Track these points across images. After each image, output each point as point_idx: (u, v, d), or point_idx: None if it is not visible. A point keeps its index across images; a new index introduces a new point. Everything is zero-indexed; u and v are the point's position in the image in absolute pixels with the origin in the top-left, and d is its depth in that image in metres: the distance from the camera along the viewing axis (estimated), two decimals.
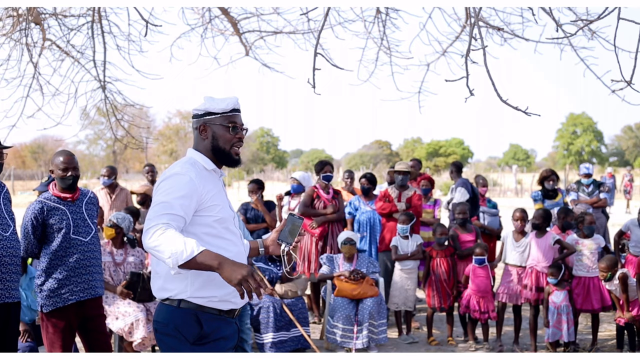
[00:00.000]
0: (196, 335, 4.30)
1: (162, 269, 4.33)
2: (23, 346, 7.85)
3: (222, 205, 4.45)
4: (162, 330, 4.38)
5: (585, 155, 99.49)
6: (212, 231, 4.35)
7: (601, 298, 9.92)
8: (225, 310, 4.40)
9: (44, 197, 6.80)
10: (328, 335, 9.80)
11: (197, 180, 4.31)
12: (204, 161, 4.48)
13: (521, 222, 10.19)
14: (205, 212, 4.33)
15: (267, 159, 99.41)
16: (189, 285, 4.28)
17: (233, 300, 4.41)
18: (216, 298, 4.32)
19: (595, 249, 10.01)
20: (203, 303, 4.29)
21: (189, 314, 4.29)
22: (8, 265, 6.25)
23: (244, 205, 11.86)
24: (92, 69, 9.50)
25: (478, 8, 6.13)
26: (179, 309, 4.30)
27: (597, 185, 12.97)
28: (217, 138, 4.50)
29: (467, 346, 10.19)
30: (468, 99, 5.98)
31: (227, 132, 4.50)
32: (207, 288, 4.29)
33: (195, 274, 4.23)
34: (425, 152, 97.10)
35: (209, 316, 4.32)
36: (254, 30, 10.12)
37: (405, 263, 10.59)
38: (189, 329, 4.29)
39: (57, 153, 6.91)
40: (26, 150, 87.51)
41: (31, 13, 8.67)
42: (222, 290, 4.30)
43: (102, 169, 12.95)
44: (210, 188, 4.38)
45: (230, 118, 4.51)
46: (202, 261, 3.95)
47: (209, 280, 4.27)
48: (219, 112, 4.49)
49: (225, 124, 4.50)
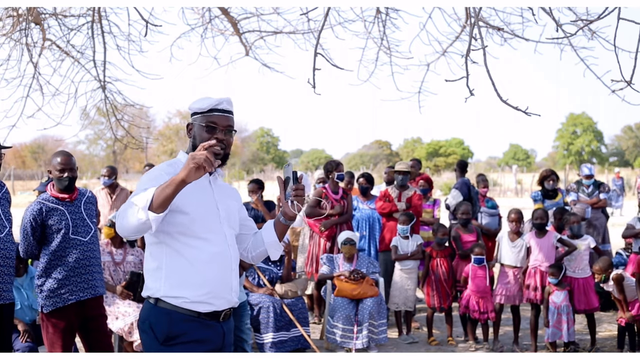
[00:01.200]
0: (165, 334, 4.28)
1: (146, 267, 4.38)
2: (23, 346, 7.85)
3: (199, 205, 4.37)
4: (141, 327, 4.40)
5: (585, 155, 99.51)
6: (185, 231, 4.28)
7: (591, 299, 9.94)
8: (204, 313, 4.34)
9: (43, 197, 6.80)
10: (328, 335, 9.81)
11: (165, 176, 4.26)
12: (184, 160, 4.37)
13: (516, 223, 10.18)
14: (179, 211, 4.26)
15: (267, 159, 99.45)
16: (162, 285, 4.28)
17: (211, 302, 4.34)
18: (188, 299, 4.27)
19: (585, 249, 10.00)
20: (176, 303, 4.27)
21: (163, 313, 4.28)
22: (1, 267, 6.26)
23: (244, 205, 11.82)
24: (92, 69, 9.50)
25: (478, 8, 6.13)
26: (155, 307, 4.31)
27: (597, 186, 12.96)
28: (196, 138, 4.48)
29: (467, 346, 10.20)
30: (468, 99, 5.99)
31: (204, 132, 4.45)
32: (179, 288, 4.26)
33: (167, 274, 4.26)
34: (425, 152, 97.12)
35: (181, 317, 4.28)
36: (254, 30, 10.11)
37: (405, 263, 10.59)
38: (159, 327, 4.28)
39: (55, 154, 6.91)
40: (26, 150, 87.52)
41: (31, 13, 8.67)
42: (194, 291, 4.27)
43: (103, 169, 12.94)
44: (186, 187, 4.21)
45: (208, 118, 4.47)
46: (167, 185, 3.97)
47: (182, 280, 4.26)
48: (199, 111, 4.49)
49: (203, 124, 4.46)
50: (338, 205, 11.24)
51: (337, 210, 11.19)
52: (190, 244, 4.29)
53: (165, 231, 4.28)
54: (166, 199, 3.97)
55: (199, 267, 4.28)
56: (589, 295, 9.91)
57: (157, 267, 4.29)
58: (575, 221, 10.17)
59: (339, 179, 11.45)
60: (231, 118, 4.55)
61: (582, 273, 9.97)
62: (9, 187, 6.58)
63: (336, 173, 11.44)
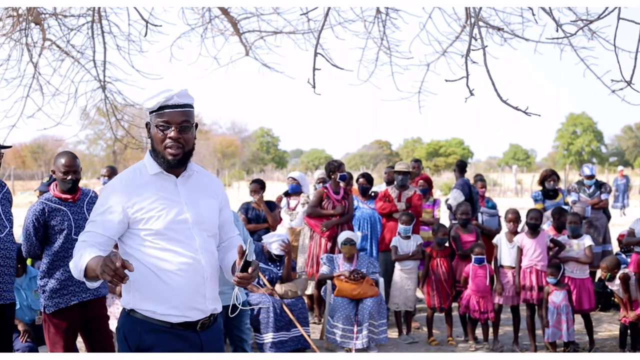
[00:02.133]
0: (135, 344, 4.20)
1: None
2: (23, 346, 7.86)
3: (163, 214, 4.17)
4: (117, 336, 4.35)
5: (585, 155, 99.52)
6: (150, 243, 4.14)
7: (589, 299, 9.94)
8: (179, 323, 4.19)
9: (45, 198, 6.80)
10: (328, 336, 9.81)
11: (123, 189, 4.16)
12: (149, 165, 4.27)
13: (514, 223, 10.17)
14: (138, 224, 4.14)
15: (267, 159, 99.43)
16: (132, 297, 4.20)
17: (183, 314, 4.18)
18: (157, 312, 4.15)
19: (583, 249, 10.00)
20: (149, 315, 4.16)
21: (135, 323, 4.20)
22: (1, 267, 6.26)
23: (244, 205, 11.82)
24: (92, 69, 9.50)
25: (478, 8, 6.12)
26: (128, 316, 4.24)
27: (598, 186, 12.96)
28: (152, 139, 4.26)
29: (467, 346, 10.20)
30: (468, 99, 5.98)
31: (158, 132, 4.19)
32: (146, 301, 4.16)
33: (137, 287, 4.16)
34: (425, 152, 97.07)
35: (152, 327, 4.16)
36: (254, 30, 10.11)
37: (406, 263, 10.59)
38: (132, 337, 4.21)
39: (60, 154, 6.90)
40: (26, 150, 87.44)
41: (31, 13, 8.67)
42: (161, 304, 4.14)
43: (103, 169, 12.94)
44: (147, 196, 4.18)
45: (160, 116, 4.18)
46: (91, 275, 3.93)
47: (149, 293, 4.15)
48: (151, 110, 4.21)
49: (157, 124, 4.20)
50: (339, 205, 11.21)
51: (339, 210, 11.17)
52: (157, 256, 4.15)
53: (130, 245, 4.20)
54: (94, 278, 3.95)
55: (165, 280, 4.13)
56: (585, 296, 9.90)
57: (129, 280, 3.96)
58: (574, 221, 10.17)
59: (341, 179, 11.42)
60: (187, 112, 4.21)
61: (580, 274, 9.97)
62: (9, 187, 6.56)
63: (338, 174, 11.41)
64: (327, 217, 11.18)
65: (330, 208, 11.22)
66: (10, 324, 6.49)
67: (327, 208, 11.23)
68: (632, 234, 10.44)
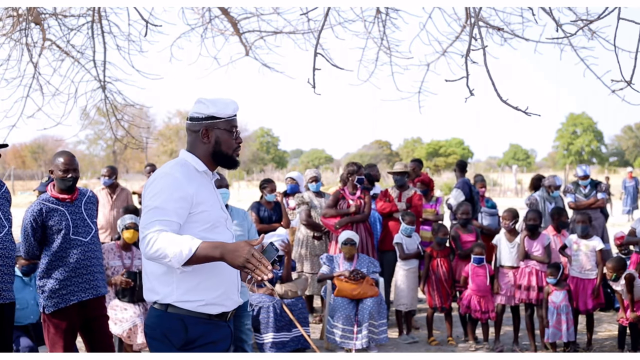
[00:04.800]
0: (182, 340, 4.26)
1: (152, 271, 4.31)
2: (23, 346, 7.86)
3: (210, 207, 4.39)
4: (151, 334, 4.36)
5: (585, 155, 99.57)
6: (200, 233, 4.25)
7: (595, 298, 9.93)
8: (215, 314, 4.34)
9: (43, 198, 6.79)
10: (328, 336, 9.80)
11: (184, 180, 4.27)
12: (195, 163, 4.43)
13: (509, 222, 10.16)
14: (194, 214, 4.28)
15: (267, 159, 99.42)
16: (174, 289, 4.23)
17: (223, 304, 4.37)
18: (203, 302, 4.26)
19: (592, 250, 9.99)
20: (190, 308, 4.24)
21: (175, 318, 4.25)
22: (1, 266, 6.27)
23: (255, 204, 11.64)
24: (92, 69, 9.51)
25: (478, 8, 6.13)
26: (166, 314, 4.26)
27: (593, 185, 12.93)
28: (221, 143, 4.45)
29: (467, 346, 10.19)
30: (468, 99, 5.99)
31: (231, 138, 4.47)
32: (193, 292, 4.24)
33: (180, 278, 4.20)
34: (425, 152, 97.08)
35: (196, 320, 4.27)
36: (254, 30, 10.12)
37: (409, 262, 10.58)
38: (175, 334, 4.25)
39: (58, 154, 6.90)
40: (26, 150, 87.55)
41: (31, 13, 8.67)
42: (210, 293, 4.28)
43: (103, 169, 12.94)
44: (199, 189, 4.33)
45: (232, 123, 4.48)
46: (203, 254, 3.96)
47: (196, 284, 4.23)
48: (223, 117, 4.43)
49: (229, 129, 4.46)
50: (354, 204, 11.12)
51: (353, 209, 11.08)
52: None
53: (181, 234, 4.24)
54: (200, 262, 4.02)
55: (213, 269, 4.25)
56: (589, 297, 9.89)
57: (167, 272, 4.21)
58: (582, 220, 10.14)
59: (359, 182, 11.31)
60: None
61: (587, 274, 9.95)
62: (9, 187, 6.56)
63: (356, 177, 11.29)
64: (342, 217, 11.09)
65: (346, 208, 11.14)
66: (10, 324, 6.49)
67: (342, 208, 11.15)
68: (633, 234, 10.44)
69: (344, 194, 11.24)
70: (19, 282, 7.83)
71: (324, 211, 11.17)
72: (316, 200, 11.62)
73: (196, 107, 4.45)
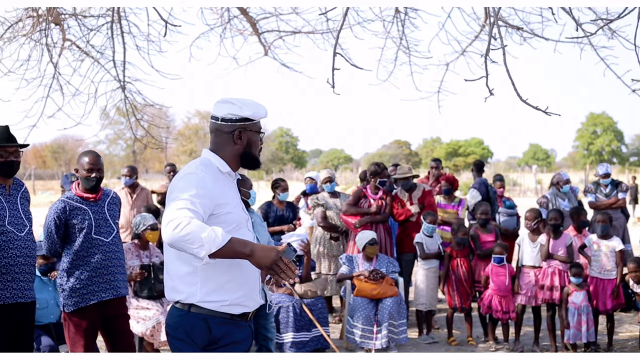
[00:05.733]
0: (206, 340, 4.28)
1: (175, 270, 4.32)
2: (43, 345, 7.91)
3: (234, 208, 4.40)
4: (173, 334, 4.38)
5: (605, 155, 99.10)
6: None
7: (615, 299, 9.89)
8: (237, 314, 4.36)
9: (67, 196, 6.83)
10: (348, 336, 9.80)
11: (209, 180, 4.27)
12: (219, 163, 4.43)
13: (533, 222, 10.13)
14: (218, 214, 4.29)
15: (286, 159, 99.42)
16: (198, 289, 4.25)
17: (246, 304, 4.39)
18: (227, 302, 4.27)
19: (612, 250, 9.93)
20: (214, 308, 4.26)
21: (199, 319, 4.27)
22: (22, 265, 6.32)
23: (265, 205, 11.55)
24: (111, 69, 9.54)
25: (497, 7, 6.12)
26: (189, 314, 4.28)
27: (614, 185, 12.87)
28: (251, 145, 4.49)
29: (487, 346, 10.17)
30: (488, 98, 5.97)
31: (258, 140, 4.53)
32: (217, 292, 4.26)
33: (205, 278, 4.21)
34: (445, 152, 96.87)
35: (219, 321, 4.29)
36: (273, 30, 10.13)
37: (430, 262, 10.56)
38: (199, 334, 4.28)
39: (84, 153, 6.93)
40: (46, 150, 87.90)
41: (51, 13, 8.71)
42: (233, 294, 4.30)
43: (123, 168, 12.98)
44: (223, 190, 4.34)
45: (260, 125, 4.55)
46: (233, 249, 3.99)
47: (220, 284, 4.25)
48: (256, 119, 4.47)
49: (258, 131, 4.52)
50: (375, 204, 11.07)
51: (374, 209, 11.03)
52: None
53: None
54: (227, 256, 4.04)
55: (237, 270, 4.28)
56: (609, 297, 9.84)
57: (191, 271, 4.23)
58: (603, 220, 10.10)
59: (381, 185, 11.25)
60: None
61: (608, 274, 9.91)
62: (29, 187, 6.61)
63: (379, 179, 11.26)
64: (362, 216, 11.06)
65: (367, 207, 11.11)
66: (31, 323, 6.54)
67: (363, 207, 11.12)
68: None
69: (365, 193, 11.21)
70: (38, 282, 7.85)
71: (344, 208, 11.14)
72: (331, 201, 11.59)
73: (226, 107, 4.44)
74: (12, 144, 6.46)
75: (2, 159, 6.38)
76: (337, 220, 11.37)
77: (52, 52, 9.27)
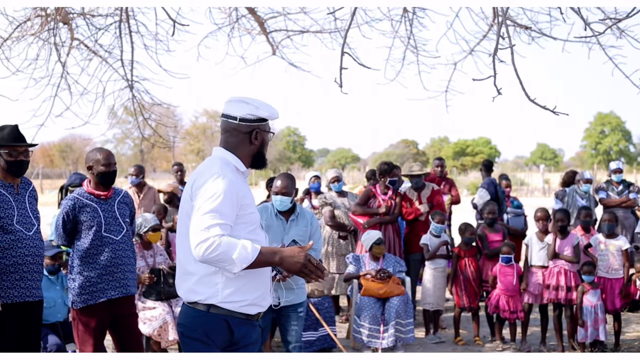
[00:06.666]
0: (227, 341, 4.31)
1: (192, 271, 4.30)
2: (50, 344, 7.92)
3: (255, 208, 4.43)
4: (190, 335, 4.36)
5: (613, 154, 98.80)
6: (247, 235, 4.29)
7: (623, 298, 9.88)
8: (252, 314, 4.38)
9: (78, 193, 6.83)
10: (354, 335, 9.79)
11: (235, 182, 4.30)
12: (236, 162, 4.46)
13: (543, 222, 10.12)
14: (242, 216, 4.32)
15: (293, 158, 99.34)
16: (220, 290, 4.25)
17: (261, 304, 4.42)
18: (246, 302, 4.30)
19: (618, 249, 9.92)
20: (233, 308, 4.27)
21: (219, 319, 4.28)
22: (30, 264, 6.32)
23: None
24: (119, 68, 9.56)
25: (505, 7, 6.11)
26: (208, 314, 4.28)
27: (626, 185, 12.84)
28: (264, 144, 4.55)
29: (494, 346, 10.16)
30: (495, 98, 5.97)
31: (269, 139, 4.60)
32: (239, 293, 4.27)
33: (228, 279, 4.22)
34: (452, 151, 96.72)
35: (238, 321, 4.31)
36: (281, 30, 10.14)
37: (437, 262, 10.54)
38: (219, 335, 4.29)
39: (95, 150, 6.91)
40: (54, 149, 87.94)
41: (59, 13, 8.73)
42: (252, 294, 4.33)
43: (130, 168, 12.99)
44: (244, 190, 4.37)
45: (268, 126, 4.60)
46: (263, 260, 4.10)
47: (241, 285, 4.26)
48: (271, 120, 4.53)
49: (269, 132, 4.59)
50: (384, 205, 11.04)
51: (383, 209, 11.01)
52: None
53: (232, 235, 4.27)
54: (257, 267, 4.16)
55: (256, 271, 4.30)
56: (618, 296, 9.84)
57: (213, 272, 4.25)
58: (609, 219, 10.09)
59: (391, 184, 11.22)
60: None
61: (615, 274, 9.89)
62: (37, 186, 6.63)
63: (388, 178, 11.24)
64: (371, 216, 11.04)
65: (376, 207, 11.09)
66: (38, 321, 6.54)
67: (372, 207, 11.10)
68: None
69: (374, 192, 11.19)
70: (46, 281, 7.86)
71: (353, 208, 11.13)
72: (339, 200, 11.57)
73: (244, 107, 4.45)
74: (22, 143, 6.46)
75: (12, 159, 6.38)
76: (345, 219, 11.34)
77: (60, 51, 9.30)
